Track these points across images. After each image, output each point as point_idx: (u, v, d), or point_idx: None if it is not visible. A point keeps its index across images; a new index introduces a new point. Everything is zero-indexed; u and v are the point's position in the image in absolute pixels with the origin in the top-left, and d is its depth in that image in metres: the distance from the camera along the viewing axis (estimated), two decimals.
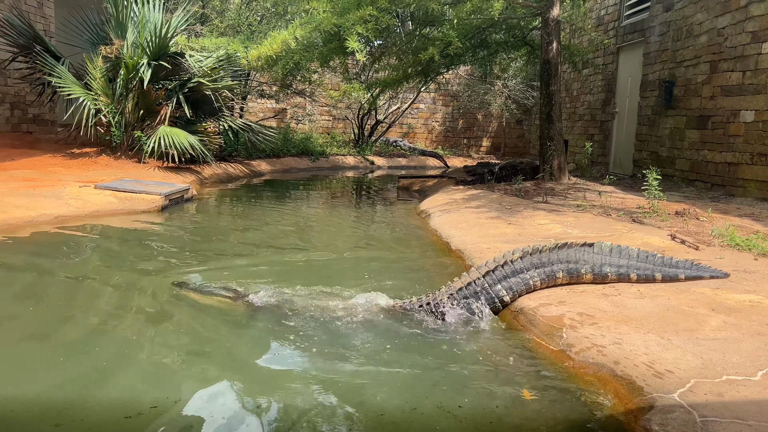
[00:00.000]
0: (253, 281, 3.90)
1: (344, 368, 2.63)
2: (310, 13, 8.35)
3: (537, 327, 3.08)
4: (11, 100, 11.09)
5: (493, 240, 4.90)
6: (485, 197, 7.47)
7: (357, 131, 18.28)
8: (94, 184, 6.92)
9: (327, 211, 7.66)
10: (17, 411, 2.14)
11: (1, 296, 3.51)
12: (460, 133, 20.51)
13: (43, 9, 11.99)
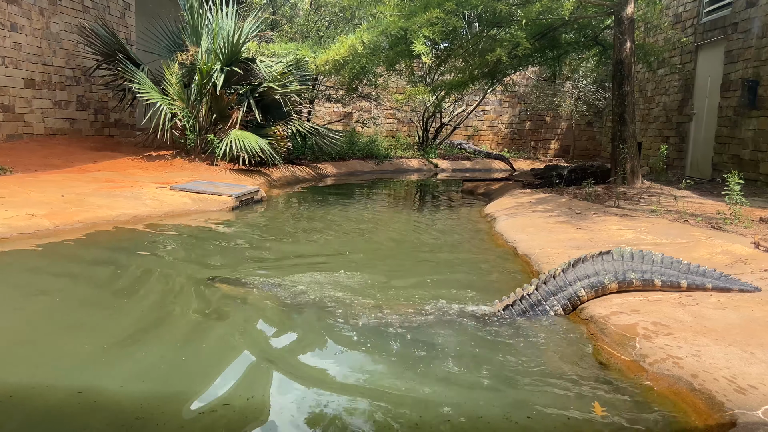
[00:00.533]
0: (311, 279, 3.97)
1: (407, 373, 2.62)
2: (377, 17, 8.41)
3: (608, 336, 2.98)
4: (95, 105, 11.74)
5: (561, 245, 4.78)
6: (553, 201, 7.29)
7: (421, 134, 18.27)
8: (170, 186, 7.22)
9: (390, 214, 7.69)
10: (99, 402, 2.25)
11: (85, 290, 3.71)
12: (527, 136, 20.14)
13: (125, 18, 12.64)
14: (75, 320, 3.18)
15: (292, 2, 14.48)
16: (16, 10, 9.37)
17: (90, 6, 11.33)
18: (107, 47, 10.44)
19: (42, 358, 2.65)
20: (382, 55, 8.67)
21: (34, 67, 9.90)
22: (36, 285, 3.72)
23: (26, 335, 2.94)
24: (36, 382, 2.38)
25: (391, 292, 3.82)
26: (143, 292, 3.79)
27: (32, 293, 3.57)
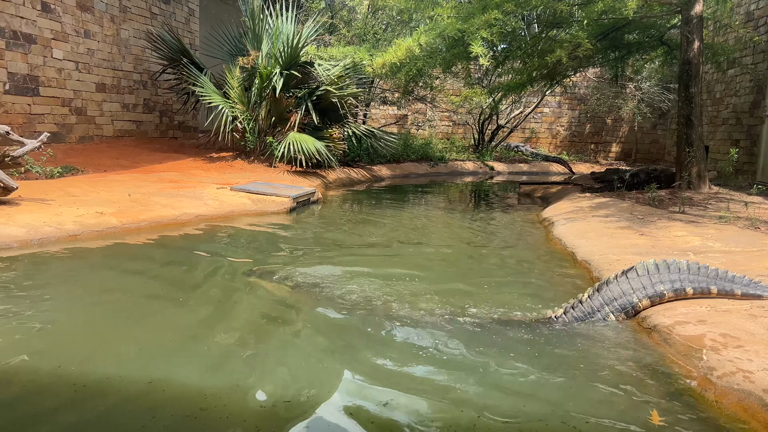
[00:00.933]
0: (367, 280, 3.98)
1: (464, 377, 2.60)
2: (435, 20, 8.39)
3: (672, 346, 2.87)
4: (160, 108, 12.20)
5: (623, 251, 4.64)
6: (615, 206, 7.09)
7: (477, 136, 18.10)
8: (230, 186, 7.42)
9: (444, 217, 7.65)
10: (167, 392, 2.34)
11: (151, 286, 3.85)
12: (586, 138, 19.65)
13: (189, 24, 13.08)
14: (143, 315, 3.31)
15: (350, 6, 14.63)
16: (89, 17, 9.84)
17: (157, 13, 11.78)
18: (172, 52, 10.84)
19: (113, 351, 2.77)
20: (439, 58, 8.65)
21: (105, 72, 10.37)
22: (105, 281, 3.89)
23: (98, 329, 3.08)
24: (108, 373, 2.49)
25: (444, 296, 3.79)
26: (205, 288, 3.90)
27: (102, 289, 3.73)
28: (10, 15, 8.20)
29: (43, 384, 2.38)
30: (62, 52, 9.27)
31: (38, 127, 8.82)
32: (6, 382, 2.38)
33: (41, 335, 2.88)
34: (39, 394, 2.31)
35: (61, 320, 3.11)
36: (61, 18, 9.18)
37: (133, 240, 4.99)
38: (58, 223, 4.90)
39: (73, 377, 2.42)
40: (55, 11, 9.06)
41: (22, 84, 8.54)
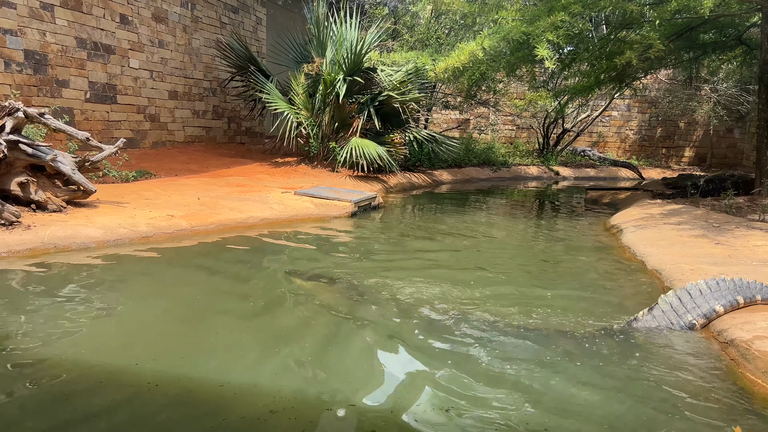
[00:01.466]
0: (424, 283, 3.96)
1: (535, 386, 2.54)
2: (499, 23, 8.29)
3: (752, 362, 2.71)
4: (228, 114, 12.60)
5: (697, 261, 4.42)
6: (688, 213, 6.78)
7: (541, 140, 17.74)
8: (294, 191, 7.57)
9: (507, 223, 7.52)
10: (238, 394, 2.40)
11: (221, 288, 3.96)
12: (657, 143, 18.90)
13: (257, 33, 13.45)
14: (211, 315, 3.40)
15: (413, 11, 14.66)
16: (163, 28, 10.29)
17: (226, 22, 12.19)
18: (240, 60, 11.18)
19: (182, 350, 2.86)
20: (503, 61, 8.53)
21: (177, 80, 10.80)
22: (175, 281, 4.03)
23: (169, 327, 3.19)
24: (179, 372, 2.57)
25: (509, 303, 3.73)
26: (269, 291, 3.96)
27: (172, 289, 3.87)
28: (91, 27, 8.67)
29: (120, 380, 2.48)
30: (138, 62, 9.73)
31: (115, 133, 9.28)
32: (86, 375, 2.50)
33: (120, 331, 3.01)
34: (117, 386, 2.42)
35: (135, 318, 3.25)
36: (137, 29, 9.64)
37: (201, 242, 5.16)
38: (132, 225, 5.13)
39: (147, 375, 2.52)
40: (133, 23, 9.52)
41: (102, 92, 9.02)
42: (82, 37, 8.53)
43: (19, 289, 3.53)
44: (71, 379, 2.46)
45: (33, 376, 2.46)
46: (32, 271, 3.93)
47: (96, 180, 6.83)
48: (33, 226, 4.66)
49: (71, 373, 2.51)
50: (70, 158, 5.56)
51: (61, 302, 3.36)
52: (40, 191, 5.20)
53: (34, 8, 7.70)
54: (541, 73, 13.97)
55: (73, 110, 8.47)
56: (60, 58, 8.19)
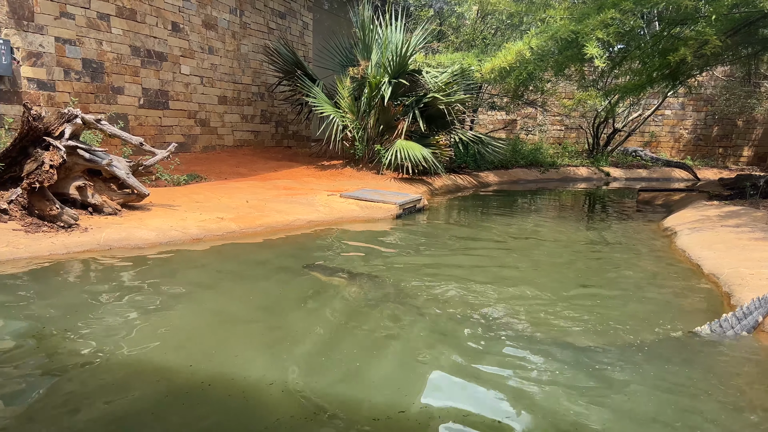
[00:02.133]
0: (467, 287, 3.91)
1: (593, 396, 2.47)
2: (546, 22, 8.14)
3: None
4: (276, 119, 12.79)
5: (758, 265, 4.23)
6: (747, 215, 6.49)
7: (591, 141, 17.34)
8: (339, 193, 7.62)
9: (555, 226, 7.36)
10: (286, 394, 2.42)
11: (270, 289, 4.01)
12: (713, 142, 18.21)
13: (303, 37, 13.63)
14: (263, 316, 3.44)
15: (458, 12, 14.57)
16: (213, 34, 10.53)
17: (274, 27, 12.39)
18: (288, 65, 11.35)
19: (236, 350, 2.89)
20: (551, 60, 8.37)
21: (226, 86, 11.04)
22: (225, 282, 4.10)
23: (221, 329, 3.25)
24: (231, 371, 2.61)
25: (557, 310, 3.64)
26: (317, 293, 3.98)
27: (222, 290, 3.94)
28: (145, 35, 8.96)
29: (174, 379, 2.54)
30: (189, 68, 9.99)
31: (167, 137, 9.55)
32: (140, 373, 2.57)
33: (172, 331, 3.09)
34: (170, 385, 2.47)
35: (187, 318, 3.32)
36: (188, 36, 9.90)
37: (250, 243, 5.24)
38: (183, 227, 5.26)
39: (200, 374, 2.56)
40: (184, 30, 9.78)
41: (154, 98, 9.30)
42: (136, 45, 8.82)
43: (76, 290, 3.67)
44: (127, 378, 2.53)
45: (88, 373, 2.55)
46: (89, 272, 4.07)
47: (149, 183, 7.04)
48: (90, 228, 4.83)
49: (126, 372, 2.58)
50: (124, 162, 5.75)
51: (116, 302, 3.47)
52: (96, 195, 5.40)
53: (91, 18, 8.00)
54: (590, 71, 13.64)
55: (127, 116, 8.76)
56: (115, 66, 8.49)
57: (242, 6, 11.30)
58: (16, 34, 6.98)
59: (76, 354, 2.73)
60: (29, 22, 7.13)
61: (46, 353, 2.73)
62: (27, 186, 4.72)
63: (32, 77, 7.26)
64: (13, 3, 6.91)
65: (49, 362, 2.64)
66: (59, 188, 5.11)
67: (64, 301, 3.44)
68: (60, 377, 2.50)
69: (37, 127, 4.97)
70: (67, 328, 3.01)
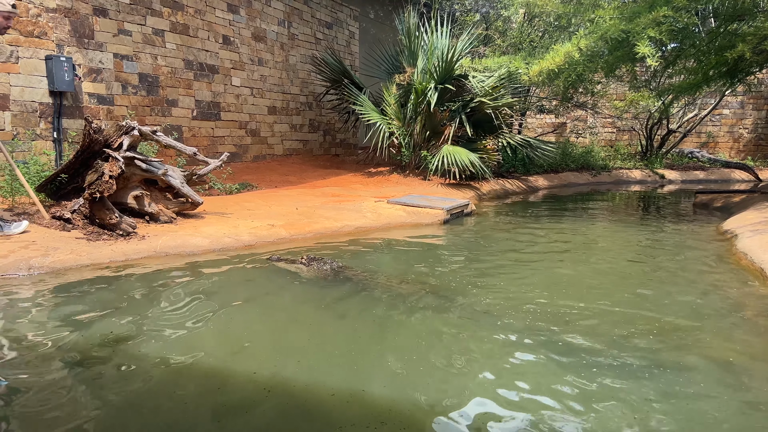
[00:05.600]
0: (524, 294, 3.86)
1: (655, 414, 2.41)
2: (596, 22, 7.99)
3: None
4: (324, 127, 12.97)
5: None
6: None
7: (644, 142, 16.85)
8: (387, 200, 7.66)
9: (608, 230, 7.18)
10: (351, 402, 2.43)
11: (321, 295, 4.06)
12: None
13: (350, 47, 13.78)
14: (318, 322, 3.48)
15: (505, 16, 14.46)
16: (262, 46, 10.78)
17: (321, 38, 12.58)
18: (335, 74, 11.50)
19: (294, 357, 2.93)
20: (601, 61, 8.22)
21: (276, 96, 11.27)
22: (280, 288, 4.16)
23: (278, 335, 3.31)
24: (291, 378, 2.64)
25: (617, 320, 3.55)
26: (371, 298, 4.00)
27: (278, 297, 4.00)
28: (197, 49, 9.25)
29: (234, 384, 2.58)
30: (239, 80, 10.25)
31: (219, 148, 9.81)
32: (197, 377, 2.65)
33: (230, 336, 3.16)
34: (232, 389, 2.53)
35: (243, 324, 3.40)
36: (239, 49, 10.16)
37: (301, 250, 5.32)
38: (236, 234, 5.39)
39: (262, 381, 2.59)
40: (234, 43, 10.05)
41: (207, 110, 9.57)
42: (189, 58, 9.11)
43: (135, 296, 3.81)
44: (186, 382, 2.60)
45: (150, 377, 2.63)
46: (147, 278, 4.22)
47: (202, 192, 7.25)
48: (147, 236, 5.01)
49: (186, 377, 2.65)
50: (179, 172, 5.94)
51: (175, 308, 3.58)
52: (153, 203, 5.59)
53: (147, 34, 8.32)
54: (642, 71, 13.30)
55: (181, 127, 9.05)
56: (169, 79, 8.79)
57: (290, 18, 11.52)
58: (78, 52, 7.32)
59: (140, 359, 2.83)
60: (89, 40, 7.47)
61: (114, 358, 2.84)
62: (88, 196, 4.93)
63: (93, 92, 7.59)
64: (75, 22, 7.26)
65: (115, 367, 2.74)
66: (118, 198, 5.32)
67: (122, 306, 3.58)
68: (124, 382, 2.59)
69: (97, 140, 5.20)
70: (124, 334, 3.12)
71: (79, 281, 4.04)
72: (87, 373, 2.65)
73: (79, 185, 5.38)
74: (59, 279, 4.07)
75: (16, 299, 3.66)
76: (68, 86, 6.99)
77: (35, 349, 2.92)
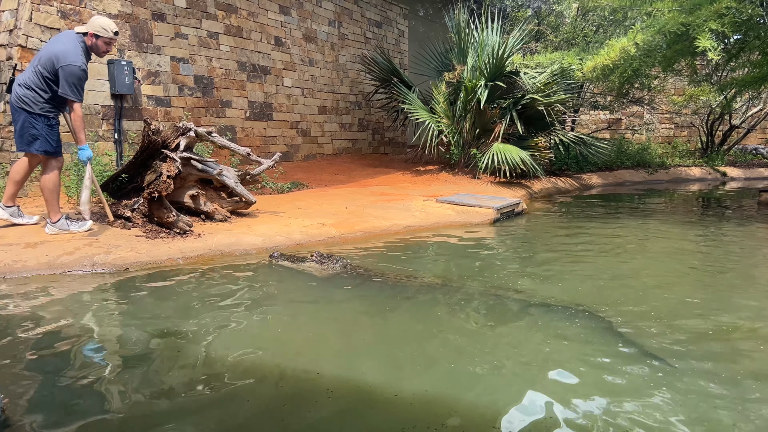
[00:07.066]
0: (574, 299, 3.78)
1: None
2: (653, 16, 7.73)
3: None
4: (373, 126, 13.02)
5: None
6: None
7: (705, 139, 16.23)
8: (436, 198, 7.63)
9: (665, 230, 6.94)
10: (414, 404, 2.42)
11: (383, 292, 4.09)
12: None
13: (399, 45, 13.79)
14: (378, 323, 3.50)
15: (557, 11, 14.17)
16: (313, 47, 10.91)
17: (371, 37, 12.64)
18: (384, 73, 11.54)
19: (355, 356, 2.96)
20: (658, 56, 7.95)
21: (326, 96, 11.39)
22: (335, 288, 4.19)
23: (338, 335, 3.34)
24: (354, 378, 2.66)
25: (688, 329, 3.44)
26: (425, 297, 4.00)
27: (333, 295, 4.04)
28: (250, 51, 9.44)
29: (295, 384, 2.61)
30: (291, 80, 10.41)
31: (271, 147, 10.00)
32: (255, 374, 2.71)
33: (289, 335, 3.21)
34: (293, 389, 2.56)
35: (300, 322, 3.45)
36: (290, 50, 10.32)
37: (351, 249, 5.37)
38: (287, 233, 5.48)
39: (326, 383, 2.60)
40: (286, 44, 10.21)
41: (259, 110, 9.77)
42: (242, 60, 9.31)
43: (192, 293, 3.92)
44: (248, 382, 2.63)
45: (212, 375, 2.69)
46: (203, 275, 4.34)
47: (255, 191, 7.40)
48: (203, 234, 5.15)
49: (248, 375, 2.69)
50: (233, 172, 6.08)
51: (234, 306, 3.66)
52: (208, 203, 5.75)
53: (202, 37, 8.55)
54: (702, 65, 12.79)
55: (235, 128, 9.27)
56: (223, 81, 9.01)
57: (340, 18, 11.62)
58: (137, 56, 7.59)
59: (192, 357, 2.91)
60: (148, 44, 7.73)
61: (174, 355, 2.93)
62: (147, 195, 5.11)
63: (151, 94, 7.86)
64: (135, 27, 7.53)
65: (176, 363, 2.81)
66: (175, 197, 5.49)
67: (179, 304, 3.69)
68: (184, 379, 2.66)
69: (155, 141, 5.38)
70: (181, 331, 3.22)
71: (139, 278, 4.20)
72: (149, 369, 2.75)
73: (138, 185, 5.58)
74: (120, 276, 4.24)
75: (81, 296, 3.83)
76: (128, 89, 7.26)
77: (103, 345, 3.05)
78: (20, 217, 5.16)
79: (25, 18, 6.29)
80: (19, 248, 4.45)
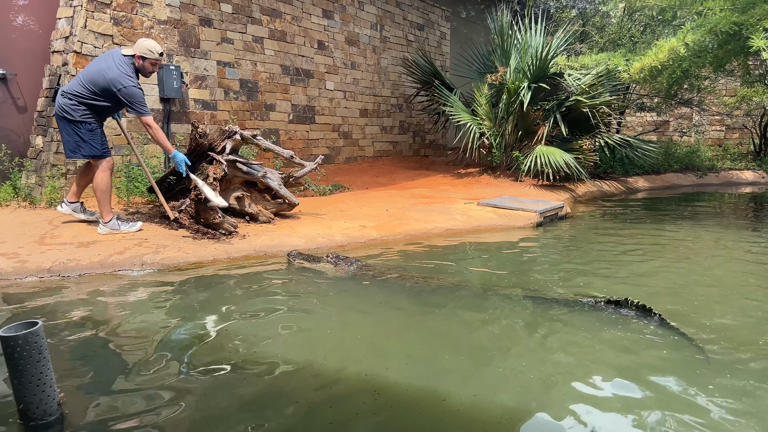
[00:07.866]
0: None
1: None
2: (704, 15, 7.52)
3: None
4: (414, 129, 13.03)
5: None
6: None
7: (758, 141, 15.64)
8: (477, 201, 7.58)
9: (715, 238, 6.72)
10: (462, 410, 2.43)
11: (416, 296, 4.10)
12: None
13: (441, 47, 13.77)
14: (426, 325, 3.49)
15: (603, 11, 13.91)
16: (355, 50, 10.99)
17: (412, 40, 12.66)
18: (425, 75, 11.53)
19: (403, 360, 2.95)
20: (709, 56, 7.72)
21: (367, 99, 11.45)
22: (379, 291, 4.21)
23: (384, 337, 3.36)
24: (401, 381, 2.66)
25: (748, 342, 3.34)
26: (472, 302, 3.99)
27: (376, 297, 4.05)
28: (294, 55, 9.58)
29: (343, 385, 2.63)
30: (333, 84, 10.51)
31: (314, 150, 10.11)
32: (301, 374, 2.75)
33: (335, 337, 3.25)
34: (340, 390, 2.59)
35: (344, 324, 3.48)
36: (332, 53, 10.42)
37: (391, 251, 5.39)
38: (329, 235, 5.54)
39: (374, 384, 2.62)
40: (328, 48, 10.32)
41: (302, 114, 9.89)
42: (285, 64, 9.45)
43: (238, 292, 4.01)
44: (295, 384, 2.66)
45: (258, 377, 2.73)
46: (249, 277, 4.43)
47: (298, 193, 7.49)
48: (247, 235, 5.26)
49: (295, 378, 2.72)
50: (277, 174, 6.18)
51: (280, 307, 3.71)
52: (252, 204, 5.86)
53: (247, 42, 8.72)
54: (756, 65, 12.35)
55: (278, 131, 9.41)
56: (268, 85, 9.16)
57: (382, 21, 11.67)
58: (185, 61, 7.79)
59: (238, 356, 2.97)
60: (195, 49, 7.93)
61: (228, 356, 2.99)
62: (194, 197, 5.24)
63: (198, 98, 8.06)
64: (183, 33, 7.73)
65: (225, 365, 2.87)
66: None
67: (227, 303, 3.77)
68: (231, 383, 2.71)
69: (202, 144, 5.51)
70: (228, 330, 3.29)
71: (186, 278, 4.31)
72: (198, 371, 2.82)
73: (185, 186, 5.73)
74: (168, 276, 4.36)
75: (131, 294, 3.96)
76: (176, 93, 7.46)
77: (156, 342, 3.14)
78: (82, 213, 5.40)
79: (80, 25, 6.54)
80: (73, 247, 4.63)
